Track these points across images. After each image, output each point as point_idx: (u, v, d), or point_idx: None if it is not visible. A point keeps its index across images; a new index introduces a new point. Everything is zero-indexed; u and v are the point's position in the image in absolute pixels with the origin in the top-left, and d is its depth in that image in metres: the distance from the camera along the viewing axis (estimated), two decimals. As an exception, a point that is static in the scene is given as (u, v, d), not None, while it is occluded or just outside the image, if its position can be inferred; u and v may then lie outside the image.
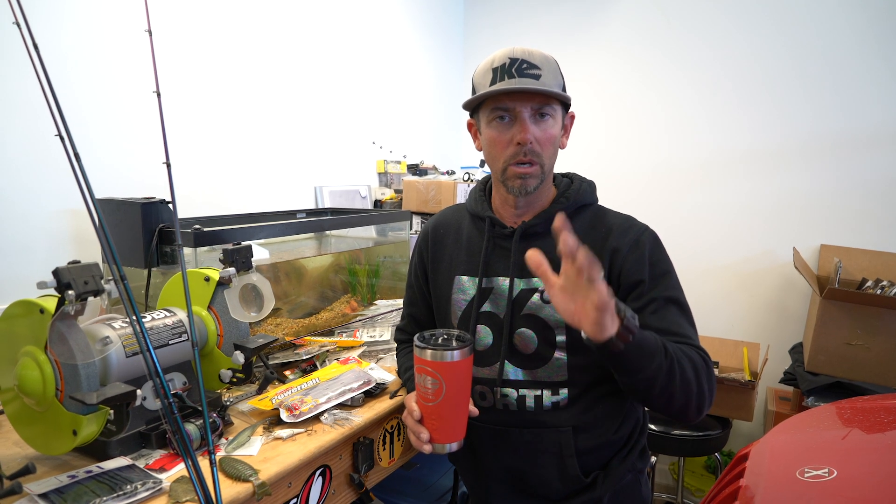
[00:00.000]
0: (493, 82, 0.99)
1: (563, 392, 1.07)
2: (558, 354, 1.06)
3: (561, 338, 1.05)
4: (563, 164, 1.11)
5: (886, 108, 2.24)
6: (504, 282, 1.09)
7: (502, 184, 1.07)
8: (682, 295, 1.05)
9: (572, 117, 1.10)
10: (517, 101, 0.99)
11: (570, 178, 1.16)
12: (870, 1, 2.23)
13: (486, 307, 1.10)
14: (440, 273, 1.19)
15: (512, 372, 1.09)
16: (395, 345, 1.36)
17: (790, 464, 0.79)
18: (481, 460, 1.15)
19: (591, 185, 1.15)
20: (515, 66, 0.98)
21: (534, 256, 0.82)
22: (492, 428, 1.11)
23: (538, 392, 1.08)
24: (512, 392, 1.09)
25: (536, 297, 1.06)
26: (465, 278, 1.14)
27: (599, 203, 1.16)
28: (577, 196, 1.10)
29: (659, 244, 1.07)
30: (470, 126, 1.13)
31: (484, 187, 1.20)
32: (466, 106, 1.09)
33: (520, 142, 1.00)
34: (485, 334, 1.11)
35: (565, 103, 1.05)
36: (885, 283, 2.06)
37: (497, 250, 1.11)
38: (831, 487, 0.70)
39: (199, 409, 1.02)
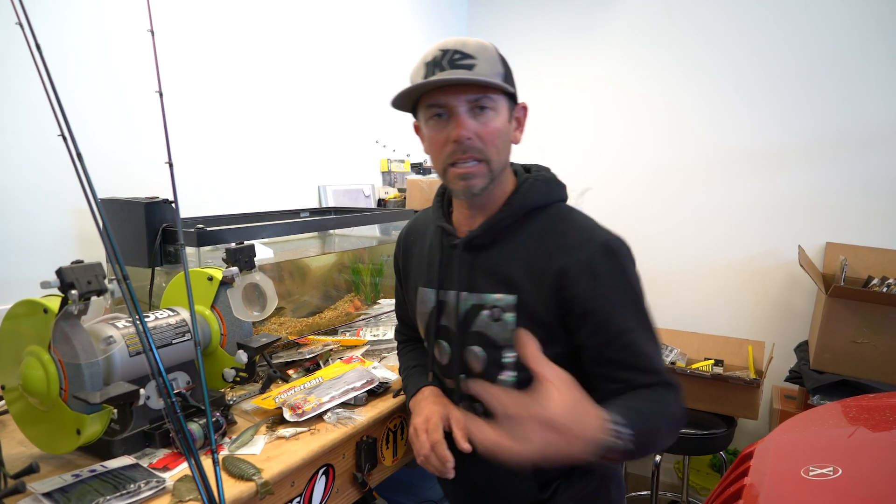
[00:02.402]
0: (425, 78, 0.90)
1: None
2: (504, 376, 0.98)
3: (509, 358, 0.97)
4: (565, 163, 1.09)
5: (891, 106, 2.22)
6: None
7: (450, 187, 0.98)
8: (644, 318, 0.92)
9: (524, 108, 0.99)
10: (450, 96, 0.89)
11: (527, 172, 1.02)
12: (873, 0, 2.22)
13: (443, 321, 1.05)
14: (409, 283, 1.15)
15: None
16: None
17: (795, 462, 0.78)
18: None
19: (547, 183, 0.99)
20: (447, 58, 0.88)
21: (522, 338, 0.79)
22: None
23: None
24: (470, 407, 1.04)
25: (486, 313, 0.97)
26: (427, 290, 1.08)
27: (567, 203, 1.00)
28: (524, 199, 0.97)
29: (617, 263, 0.92)
30: (416, 128, 1.02)
31: (444, 191, 1.12)
32: (399, 105, 0.95)
33: (456, 139, 0.90)
34: (444, 348, 1.06)
35: (509, 94, 0.94)
36: (891, 280, 2.04)
37: (452, 261, 1.03)
38: (836, 486, 0.69)
39: (203, 408, 1.02)
